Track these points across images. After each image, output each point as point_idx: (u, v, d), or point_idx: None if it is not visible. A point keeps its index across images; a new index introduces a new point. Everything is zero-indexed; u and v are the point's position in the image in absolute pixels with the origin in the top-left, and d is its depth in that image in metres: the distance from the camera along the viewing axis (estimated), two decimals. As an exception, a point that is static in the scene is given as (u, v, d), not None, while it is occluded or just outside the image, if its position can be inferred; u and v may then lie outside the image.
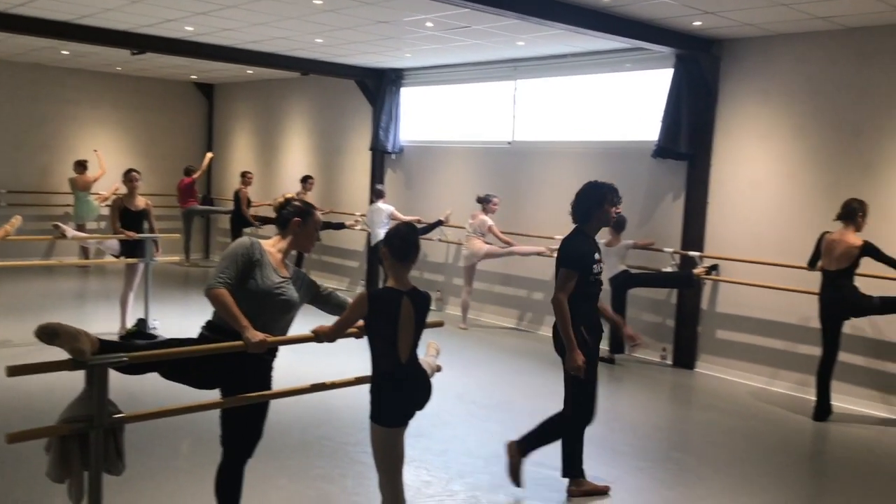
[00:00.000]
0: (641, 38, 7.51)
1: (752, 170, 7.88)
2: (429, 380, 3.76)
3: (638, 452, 5.67)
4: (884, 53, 6.98)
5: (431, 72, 11.20)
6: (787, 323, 7.60)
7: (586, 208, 4.69)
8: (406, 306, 3.58)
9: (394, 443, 3.65)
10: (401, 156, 11.72)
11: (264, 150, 14.40)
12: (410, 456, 4.30)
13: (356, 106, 12.21)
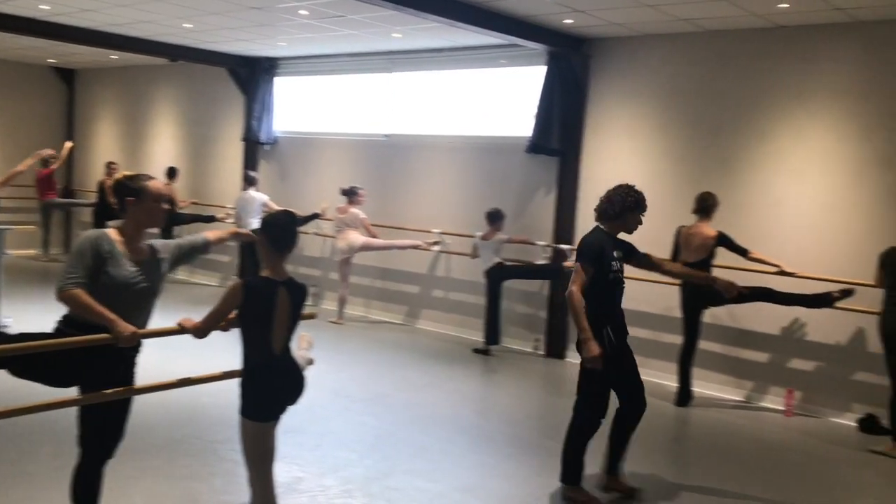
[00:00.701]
0: (515, 35, 7.64)
1: (620, 166, 8.16)
2: (302, 373, 3.67)
3: (510, 440, 5.76)
4: (741, 56, 7.37)
5: (307, 61, 11.01)
6: (651, 313, 7.92)
7: (621, 209, 4.67)
8: (282, 297, 3.49)
9: (264, 438, 3.55)
10: (275, 147, 11.47)
11: (130, 140, 13.76)
12: (283, 452, 4.19)
13: (228, 95, 11.84)
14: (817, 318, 6.86)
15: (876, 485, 5.46)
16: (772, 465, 5.67)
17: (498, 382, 7.65)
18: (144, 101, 13.46)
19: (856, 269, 6.59)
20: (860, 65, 6.78)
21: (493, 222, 8.39)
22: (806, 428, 6.61)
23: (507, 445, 5.64)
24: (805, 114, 7.06)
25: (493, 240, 8.38)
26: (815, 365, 7.04)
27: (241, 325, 3.51)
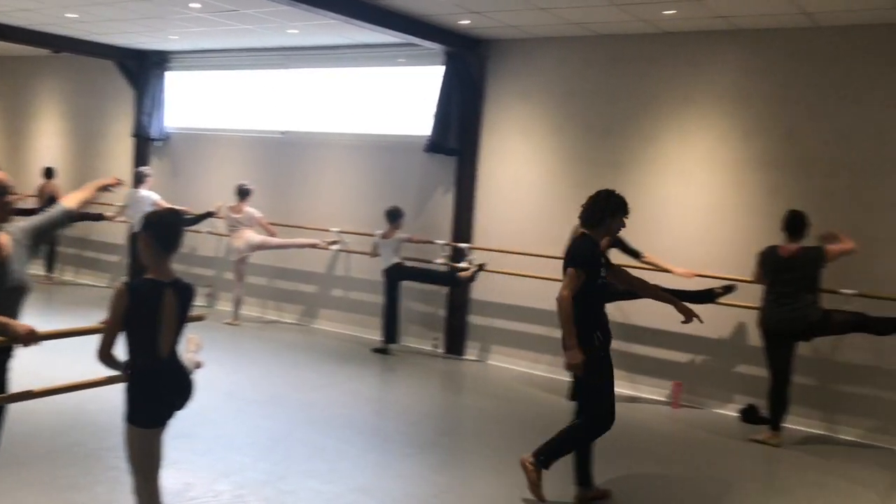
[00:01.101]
0: (412, 34, 7.65)
1: (516, 166, 8.30)
2: (190, 377, 3.56)
3: (408, 439, 5.76)
4: (631, 60, 7.61)
5: (200, 56, 10.71)
6: (547, 310, 8.07)
7: (601, 215, 4.70)
8: (169, 298, 3.36)
9: (150, 444, 3.43)
10: (167, 143, 11.11)
11: (10, 136, 13.05)
12: (172, 457, 4.07)
13: (117, 89, 11.39)
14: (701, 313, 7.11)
15: (756, 471, 5.73)
16: (661, 455, 5.88)
17: (396, 382, 7.64)
18: (26, 95, 12.80)
19: (737, 266, 6.90)
20: (741, 71, 7.11)
21: (392, 221, 8.38)
22: (692, 419, 6.88)
23: (405, 444, 5.64)
24: (690, 117, 7.35)
25: (393, 238, 8.37)
26: (700, 358, 7.34)
27: (125, 329, 3.37)
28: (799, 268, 6.08)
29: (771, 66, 6.97)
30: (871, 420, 6.54)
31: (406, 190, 8.98)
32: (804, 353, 6.48)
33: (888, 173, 6.48)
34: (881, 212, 6.51)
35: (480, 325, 8.56)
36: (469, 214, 8.55)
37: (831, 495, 5.23)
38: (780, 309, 6.12)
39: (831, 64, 6.71)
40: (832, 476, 5.63)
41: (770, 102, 6.98)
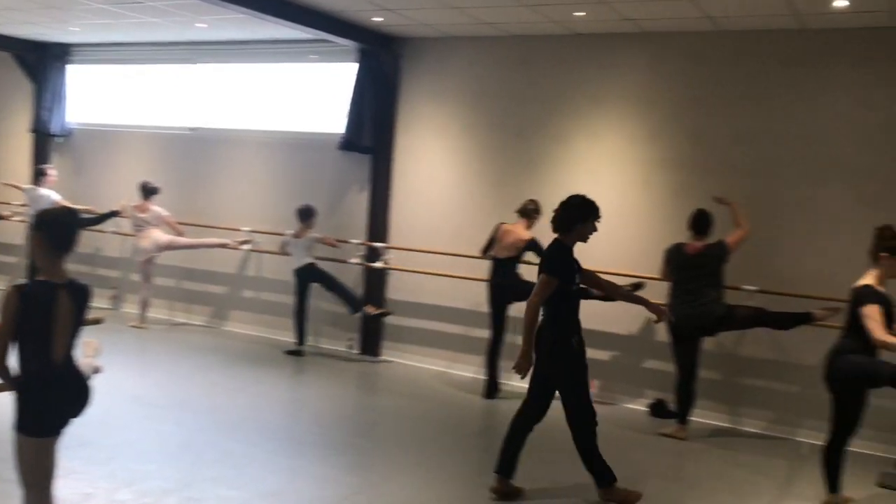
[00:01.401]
0: (324, 30, 7.54)
1: (431, 165, 8.29)
2: (86, 383, 3.41)
3: (320, 441, 5.68)
4: (543, 61, 7.69)
5: (105, 49, 10.30)
6: (463, 309, 8.10)
7: (571, 220, 4.71)
8: (63, 300, 3.20)
9: (42, 455, 3.26)
10: (69, 139, 10.66)
11: None
12: (70, 467, 3.89)
13: (14, 82, 10.86)
14: (612, 310, 7.27)
15: (663, 464, 5.86)
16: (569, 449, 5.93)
17: (309, 383, 7.53)
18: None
19: (645, 263, 7.05)
20: (648, 73, 7.27)
21: (304, 220, 8.25)
22: (603, 415, 6.88)
23: (317, 447, 5.55)
24: (600, 117, 7.48)
25: (305, 238, 8.24)
26: (611, 355, 7.47)
27: (17, 333, 3.19)
28: (704, 264, 6.25)
29: (677, 69, 7.16)
30: (772, 412, 6.79)
31: (320, 188, 8.86)
32: (709, 348, 6.67)
33: (787, 174, 6.73)
34: (781, 211, 6.75)
35: (396, 325, 8.51)
36: (384, 213, 8.49)
37: (735, 485, 5.39)
38: (685, 305, 6.28)
39: (733, 67, 6.93)
40: (736, 467, 5.81)
41: (676, 104, 7.17)
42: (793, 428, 6.69)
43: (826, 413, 5.13)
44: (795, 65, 6.69)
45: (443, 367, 8.19)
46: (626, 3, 6.28)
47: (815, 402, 6.42)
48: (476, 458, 5.90)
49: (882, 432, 6.15)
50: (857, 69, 6.49)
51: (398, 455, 5.53)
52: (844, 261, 6.03)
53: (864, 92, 6.47)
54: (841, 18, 6.20)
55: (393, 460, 5.41)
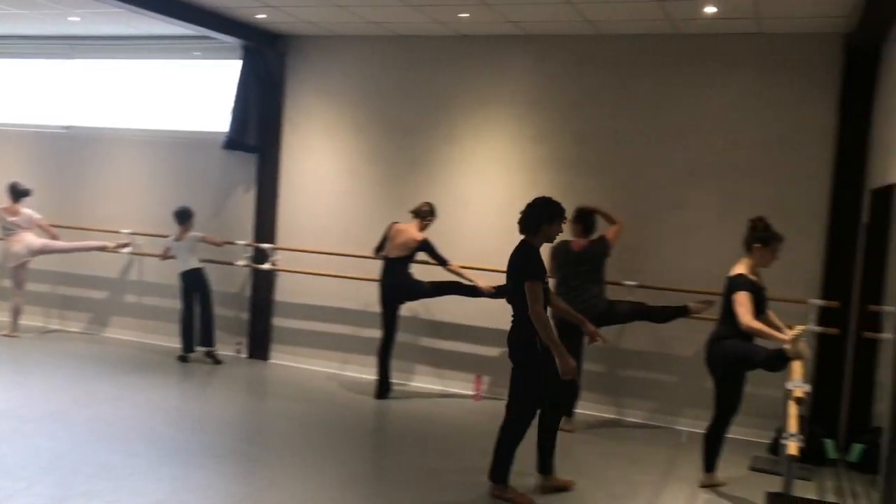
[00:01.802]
0: (206, 26, 7.35)
1: (319, 164, 8.19)
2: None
3: (204, 449, 5.51)
4: (429, 61, 7.72)
5: (-32, 43, 9.72)
6: (353, 309, 8.05)
7: (537, 222, 4.78)
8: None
9: None
10: (-70, 138, 9.99)
11: None
12: (-76, 488, 3.64)
13: None
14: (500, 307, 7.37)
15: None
16: (459, 446, 6.01)
17: (196, 390, 7.32)
18: None
19: (532, 261, 7.18)
20: (532, 75, 7.41)
21: (182, 222, 8.01)
22: (492, 410, 7.03)
23: (202, 455, 5.39)
24: (486, 118, 7.57)
25: (186, 240, 8.00)
26: (500, 351, 7.56)
27: None
28: (587, 261, 6.43)
29: (560, 71, 7.32)
30: (653, 402, 7.05)
31: (204, 189, 8.62)
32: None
33: (664, 173, 6.99)
34: (659, 208, 7.01)
35: (285, 328, 8.38)
36: (271, 214, 8.34)
37: (618, 473, 5.57)
38: (569, 301, 6.43)
39: (613, 70, 7.15)
40: (621, 455, 6.01)
41: (560, 105, 7.33)
42: (673, 417, 6.97)
43: (703, 402, 5.39)
44: (670, 68, 6.97)
45: (334, 369, 8.12)
46: (509, 5, 6.38)
47: (693, 391, 6.75)
48: (368, 459, 5.88)
49: (755, 418, 6.48)
50: (727, 73, 6.81)
51: (286, 460, 5.44)
52: (717, 254, 6.31)
53: (733, 94, 6.80)
54: (711, 24, 6.49)
55: (281, 465, 5.31)
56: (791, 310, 6.28)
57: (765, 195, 6.59)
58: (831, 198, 6.50)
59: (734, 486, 5.37)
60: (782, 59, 6.64)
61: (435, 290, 7.15)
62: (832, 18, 6.05)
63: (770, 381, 5.76)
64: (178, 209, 8.03)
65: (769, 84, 6.68)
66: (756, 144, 6.73)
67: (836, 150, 6.49)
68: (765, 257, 5.15)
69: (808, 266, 6.53)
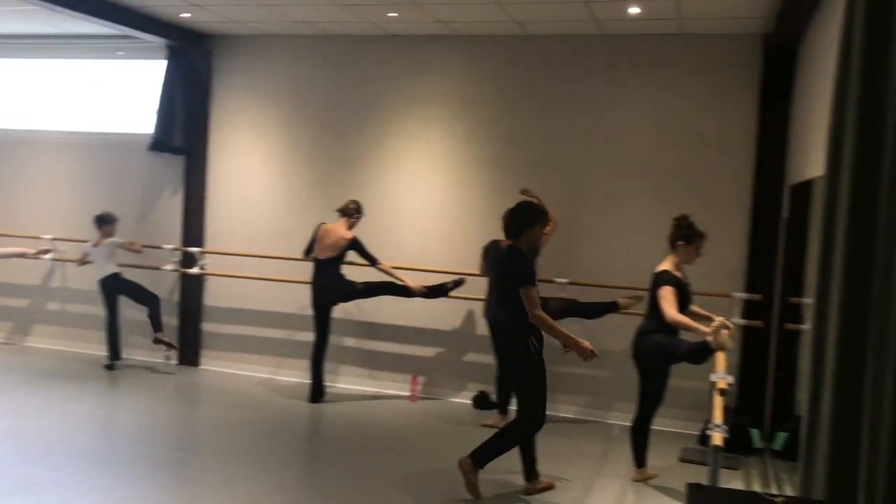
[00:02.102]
0: (129, 25, 7.17)
1: (248, 165, 8.07)
2: None
3: (135, 459, 5.37)
4: (360, 61, 7.67)
5: None
6: (285, 313, 7.95)
7: (521, 225, 4.87)
8: None
9: None
10: None
11: None
12: None
13: None
14: (435, 307, 7.39)
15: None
16: (397, 448, 6.00)
17: (123, 399, 7.13)
18: None
19: (465, 260, 7.22)
20: (462, 74, 7.44)
21: (102, 227, 7.79)
22: (427, 410, 7.11)
23: (131, 465, 5.24)
24: (418, 118, 7.57)
25: (104, 245, 7.77)
26: (435, 351, 7.60)
27: None
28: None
29: (489, 71, 7.37)
30: (585, 397, 7.15)
31: (130, 191, 8.41)
32: (527, 340, 6.92)
33: (593, 171, 7.09)
34: (588, 206, 7.11)
35: (216, 333, 8.24)
36: (199, 216, 8.18)
37: (555, 466, 5.62)
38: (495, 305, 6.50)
39: (542, 70, 7.22)
40: (555, 451, 6.05)
41: (489, 105, 7.37)
42: (605, 411, 7.09)
43: (633, 396, 5.49)
44: (599, 68, 7.08)
45: (266, 374, 8.01)
46: (437, 5, 6.39)
47: (623, 385, 6.84)
48: (303, 463, 5.81)
49: (685, 410, 6.64)
50: (652, 72, 6.95)
51: (219, 467, 5.33)
52: (645, 251, 6.43)
53: (659, 94, 6.94)
54: (636, 25, 6.62)
55: (214, 473, 5.21)
56: (717, 304, 6.45)
57: (691, 192, 6.75)
58: (753, 194, 6.70)
59: (664, 478, 5.49)
60: (705, 59, 6.81)
61: (368, 291, 7.11)
62: (751, 20, 6.23)
63: (699, 374, 5.91)
64: (98, 214, 7.82)
65: (693, 84, 6.85)
66: (682, 143, 6.88)
67: (757, 148, 6.69)
68: (688, 254, 5.29)
69: (732, 261, 6.71)
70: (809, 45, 5.69)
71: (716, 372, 4.35)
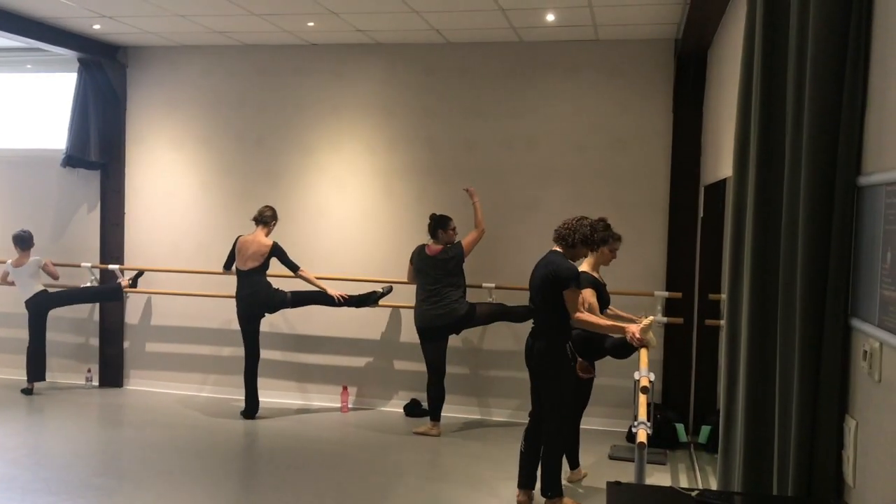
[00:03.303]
0: (36, 38, 6.93)
1: (167, 179, 7.89)
2: None
3: (51, 486, 5.17)
4: (280, 71, 7.59)
5: None
6: (211, 328, 7.79)
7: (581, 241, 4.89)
8: None
9: None
10: None
11: None
12: None
13: None
14: (363, 316, 7.36)
15: (417, 462, 6.02)
16: (332, 461, 5.94)
17: (42, 424, 6.87)
18: None
19: (392, 269, 7.21)
20: (384, 83, 7.43)
21: (22, 247, 7.52)
22: (360, 421, 7.06)
23: (49, 494, 5.05)
24: (340, 127, 7.53)
25: (27, 265, 7.51)
26: (365, 361, 7.55)
27: None
28: (443, 266, 6.51)
29: (410, 80, 7.38)
30: (516, 400, 7.20)
31: (44, 209, 8.12)
32: (455, 345, 6.96)
33: (516, 177, 7.16)
34: (512, 212, 7.18)
35: (140, 351, 8.02)
36: (118, 232, 7.95)
37: (490, 470, 5.66)
38: (431, 306, 6.51)
39: (462, 78, 7.26)
40: (486, 455, 6.11)
41: (411, 113, 7.38)
42: (536, 413, 7.15)
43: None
44: (518, 75, 7.16)
45: (192, 391, 7.84)
46: (355, 14, 6.37)
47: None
48: (236, 481, 5.70)
49: (614, 408, 6.77)
50: (570, 78, 7.07)
51: (145, 490, 5.19)
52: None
53: (577, 100, 7.06)
54: (553, 32, 6.73)
55: (139, 497, 5.07)
56: (639, 303, 6.61)
57: (611, 194, 6.90)
58: (670, 195, 6.88)
59: (592, 477, 5.58)
60: (620, 64, 6.97)
61: (295, 301, 7.03)
62: (663, 25, 6.41)
63: (624, 373, 6.03)
64: (17, 233, 7.54)
65: (610, 89, 6.99)
66: (601, 147, 7.02)
67: (672, 150, 6.87)
68: (604, 256, 5.43)
69: (653, 260, 6.88)
70: (717, 51, 5.88)
71: (639, 370, 4.45)
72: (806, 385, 2.13)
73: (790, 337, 2.25)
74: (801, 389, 2.14)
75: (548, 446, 4.91)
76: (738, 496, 2.24)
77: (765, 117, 2.51)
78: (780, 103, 2.46)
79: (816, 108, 2.13)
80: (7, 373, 8.10)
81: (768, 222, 2.47)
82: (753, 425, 2.47)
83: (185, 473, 5.55)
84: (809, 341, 2.14)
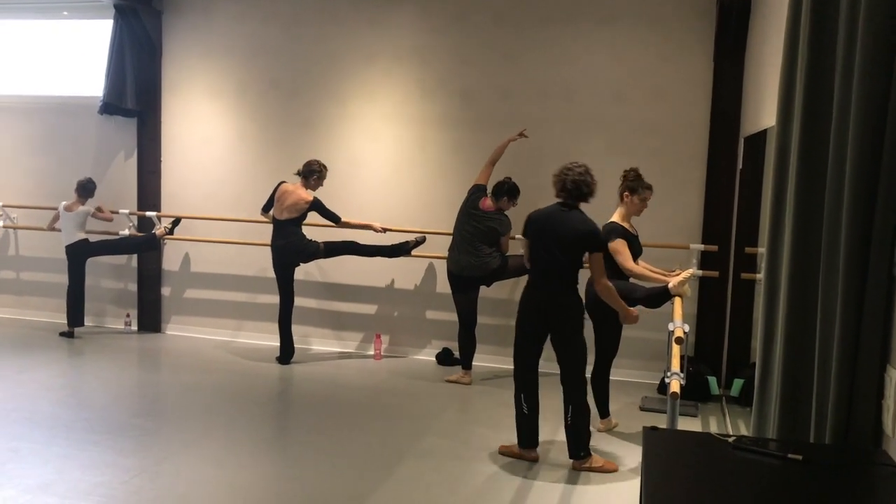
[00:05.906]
0: (72, -17, 6.95)
1: (203, 127, 7.93)
2: None
3: (96, 426, 5.33)
4: (312, 18, 7.53)
5: None
6: (247, 276, 7.90)
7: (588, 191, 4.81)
8: None
9: None
10: None
11: None
12: None
13: None
14: (396, 266, 7.40)
15: (449, 408, 6.09)
16: (362, 405, 6.03)
17: (84, 366, 7.05)
18: None
19: (424, 218, 7.22)
20: (417, 30, 7.34)
21: (81, 194, 7.65)
22: (393, 368, 7.15)
23: (92, 433, 5.20)
24: (375, 75, 7.47)
25: (77, 212, 7.63)
26: (398, 309, 7.61)
27: None
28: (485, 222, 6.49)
29: (443, 28, 7.27)
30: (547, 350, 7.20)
31: (81, 157, 8.23)
32: (487, 296, 6.97)
33: (550, 127, 7.06)
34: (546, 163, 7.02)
35: (176, 297, 8.16)
36: (156, 180, 8.04)
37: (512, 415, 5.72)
38: (463, 254, 6.53)
39: (496, 26, 7.14)
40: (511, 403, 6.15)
41: (445, 62, 7.30)
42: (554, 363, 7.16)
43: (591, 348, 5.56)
44: (554, 22, 7.03)
45: (229, 337, 7.98)
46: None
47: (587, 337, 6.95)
48: (273, 424, 5.82)
49: (645, 360, 6.77)
50: (607, 26, 6.93)
51: (184, 430, 5.33)
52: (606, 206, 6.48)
53: (613, 47, 6.93)
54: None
55: (178, 436, 5.20)
56: (674, 255, 6.56)
57: (649, 145, 6.80)
58: (709, 146, 6.76)
59: (625, 426, 5.61)
60: (660, 12, 6.80)
61: (328, 251, 7.08)
62: (705, -29, 6.22)
63: (657, 325, 6.01)
64: (83, 181, 7.70)
65: (649, 37, 6.84)
66: (639, 97, 6.90)
67: (712, 100, 6.73)
68: (634, 205, 5.36)
69: (689, 212, 6.80)
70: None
71: (673, 321, 4.43)
72: (847, 335, 2.11)
73: (832, 288, 2.22)
74: (842, 339, 2.11)
75: (577, 408, 4.85)
76: (774, 442, 2.23)
77: (812, 64, 2.43)
78: (830, 49, 2.38)
79: (868, 53, 2.06)
80: (49, 316, 8.30)
81: (813, 172, 2.41)
82: (792, 376, 2.45)
83: (222, 415, 5.68)
84: (852, 292, 2.11)
